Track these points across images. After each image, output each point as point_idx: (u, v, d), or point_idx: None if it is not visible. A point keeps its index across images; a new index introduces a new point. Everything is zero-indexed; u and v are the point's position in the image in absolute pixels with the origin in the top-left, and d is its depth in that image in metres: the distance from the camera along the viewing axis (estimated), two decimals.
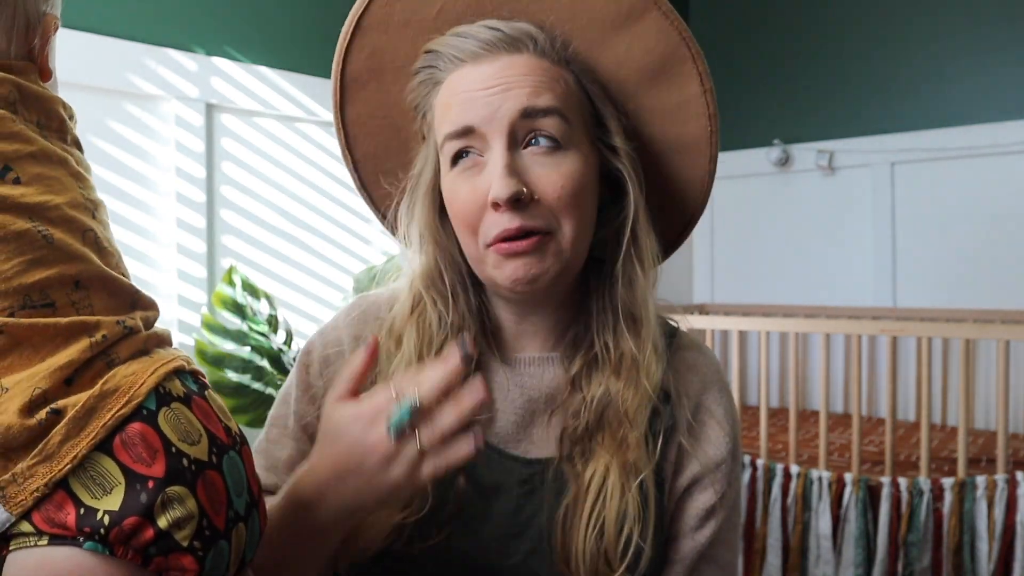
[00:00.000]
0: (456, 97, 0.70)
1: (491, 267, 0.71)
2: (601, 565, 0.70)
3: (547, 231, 0.69)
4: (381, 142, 0.81)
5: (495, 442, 0.77)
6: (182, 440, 0.48)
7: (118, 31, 1.64)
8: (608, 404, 0.74)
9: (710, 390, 0.82)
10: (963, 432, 1.88)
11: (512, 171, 0.67)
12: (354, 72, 0.76)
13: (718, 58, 3.45)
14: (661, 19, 0.71)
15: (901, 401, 2.82)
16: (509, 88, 0.68)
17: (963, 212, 2.85)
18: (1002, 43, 2.77)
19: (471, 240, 0.71)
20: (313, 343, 0.82)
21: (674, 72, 0.74)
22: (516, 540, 0.74)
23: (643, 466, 0.72)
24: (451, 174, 0.72)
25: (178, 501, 0.46)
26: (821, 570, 2.02)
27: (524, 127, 0.69)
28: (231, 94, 1.82)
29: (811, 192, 3.20)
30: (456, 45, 0.71)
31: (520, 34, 0.70)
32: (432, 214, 0.76)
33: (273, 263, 1.95)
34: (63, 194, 0.50)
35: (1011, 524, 1.81)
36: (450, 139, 0.70)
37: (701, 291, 3.50)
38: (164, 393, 0.49)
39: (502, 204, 0.67)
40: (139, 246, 1.69)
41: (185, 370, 0.52)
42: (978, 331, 1.91)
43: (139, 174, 1.69)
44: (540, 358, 0.79)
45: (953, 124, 2.86)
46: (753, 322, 2.20)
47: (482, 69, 0.70)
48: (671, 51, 0.73)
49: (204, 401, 0.52)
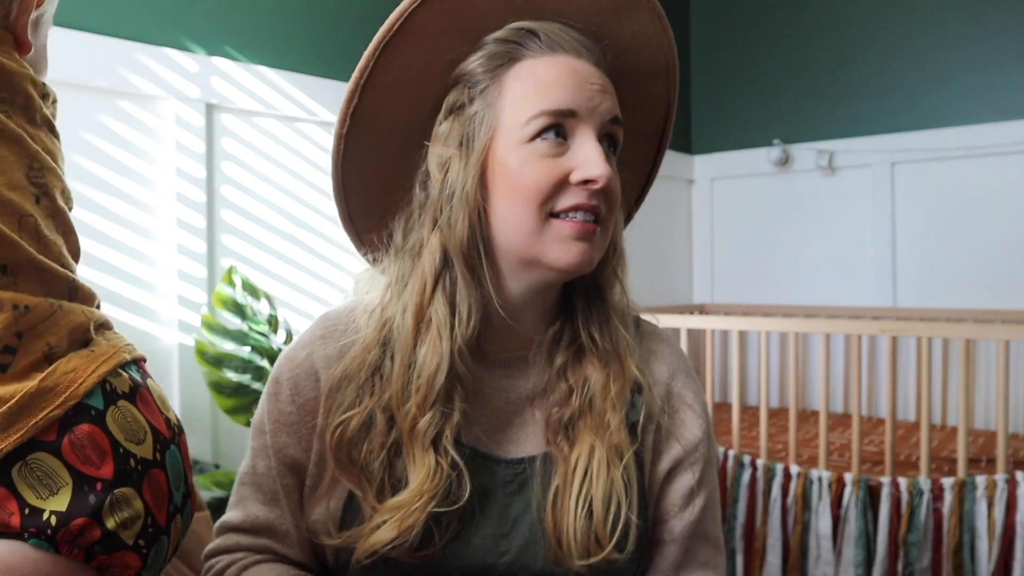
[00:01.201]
0: (564, 78, 0.74)
1: (551, 240, 0.73)
2: (592, 544, 0.72)
3: (602, 220, 0.75)
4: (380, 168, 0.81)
5: (478, 447, 0.77)
6: (129, 440, 0.47)
7: (118, 31, 1.64)
8: (594, 392, 0.77)
9: (677, 376, 0.85)
10: (963, 432, 1.88)
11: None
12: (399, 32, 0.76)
13: (718, 58, 3.45)
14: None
15: (901, 401, 2.82)
16: (605, 92, 0.75)
17: (963, 212, 2.85)
18: (1002, 43, 2.77)
19: (534, 212, 0.73)
20: (281, 368, 0.80)
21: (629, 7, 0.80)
22: (506, 539, 0.75)
23: (626, 448, 0.76)
24: (526, 147, 0.73)
25: (125, 502, 0.46)
26: (821, 570, 2.02)
27: (606, 129, 0.75)
28: (231, 94, 1.82)
29: (811, 192, 3.20)
30: (558, 33, 0.75)
31: (597, 48, 0.77)
32: (477, 187, 0.74)
33: (273, 263, 1.95)
34: (3, 174, 0.48)
35: (1011, 524, 1.81)
36: (547, 115, 0.73)
37: (701, 291, 3.50)
38: (111, 391, 0.48)
39: (600, 182, 0.71)
40: (139, 246, 1.69)
41: (127, 361, 0.50)
42: (978, 331, 1.90)
43: (139, 174, 1.69)
44: (519, 357, 0.80)
45: (953, 124, 2.86)
46: (753, 322, 2.20)
47: (584, 64, 0.75)
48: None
49: (148, 392, 0.51)
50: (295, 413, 0.78)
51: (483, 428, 0.78)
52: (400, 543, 0.70)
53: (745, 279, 3.39)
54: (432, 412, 0.73)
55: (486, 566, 0.74)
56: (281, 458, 0.78)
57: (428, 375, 0.73)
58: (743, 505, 2.16)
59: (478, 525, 0.75)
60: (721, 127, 3.44)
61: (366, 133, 0.77)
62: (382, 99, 0.76)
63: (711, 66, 3.48)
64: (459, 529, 0.74)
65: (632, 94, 0.82)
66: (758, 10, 3.33)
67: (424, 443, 0.73)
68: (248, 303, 1.73)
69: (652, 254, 3.26)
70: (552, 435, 0.77)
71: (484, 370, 0.79)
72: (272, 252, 1.95)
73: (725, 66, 3.44)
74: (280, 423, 0.78)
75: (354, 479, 0.74)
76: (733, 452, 2.20)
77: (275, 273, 1.96)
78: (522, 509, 0.76)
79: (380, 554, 0.71)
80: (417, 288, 0.76)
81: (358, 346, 0.77)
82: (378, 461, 0.74)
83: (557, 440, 0.77)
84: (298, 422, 0.78)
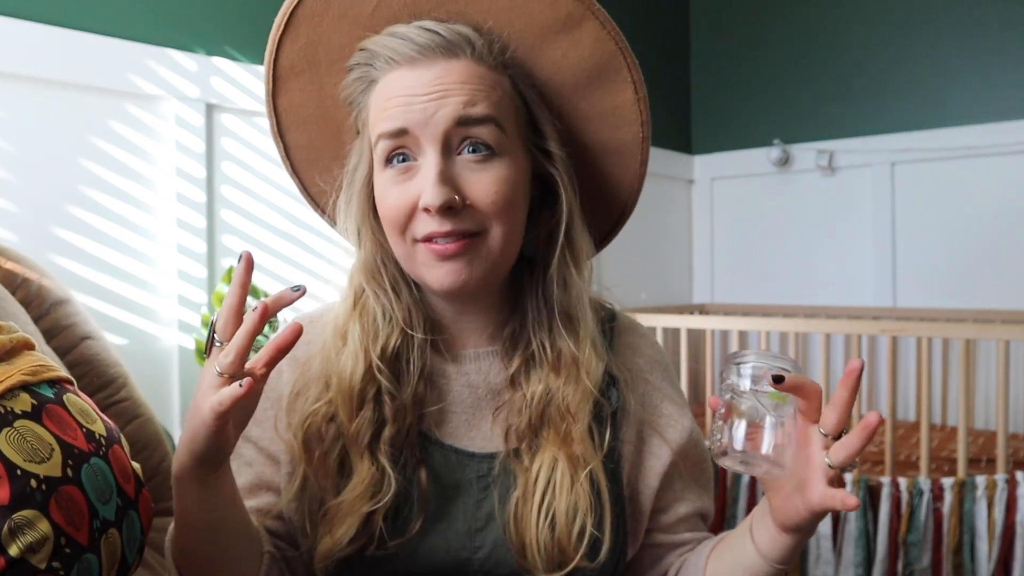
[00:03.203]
0: (392, 100, 0.70)
1: (421, 265, 0.72)
2: (557, 555, 0.71)
3: (477, 232, 0.70)
4: (314, 132, 0.81)
5: (449, 440, 0.78)
6: (28, 460, 0.45)
7: (118, 31, 1.64)
8: (549, 401, 0.75)
9: (654, 369, 0.84)
10: (963, 432, 1.88)
11: (445, 178, 0.68)
12: (288, 62, 0.76)
13: (718, 58, 3.45)
14: (598, 28, 0.72)
15: (901, 401, 2.82)
16: (445, 95, 0.68)
17: (963, 212, 2.85)
18: (1002, 43, 2.77)
19: (399, 239, 0.72)
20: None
21: (609, 79, 0.74)
22: (481, 534, 0.75)
23: (590, 458, 0.73)
24: (383, 174, 0.72)
25: (28, 525, 0.44)
26: (821, 570, 2.02)
27: (458, 134, 0.69)
28: (231, 94, 1.82)
29: (811, 192, 3.20)
30: (392, 46, 0.70)
31: (458, 38, 0.70)
32: (368, 209, 0.76)
33: (273, 263, 1.95)
34: None
35: (1011, 524, 1.81)
36: (384, 139, 0.70)
37: (701, 291, 3.50)
38: (5, 413, 0.46)
39: (433, 211, 0.67)
40: (139, 246, 1.69)
41: (31, 384, 0.48)
42: (978, 331, 1.90)
43: (139, 174, 1.69)
44: (483, 352, 0.80)
45: (953, 124, 2.86)
46: (753, 322, 2.20)
47: (419, 73, 0.69)
48: (607, 59, 0.73)
49: (60, 407, 0.49)
50: (267, 408, 0.80)
51: (453, 424, 0.78)
52: (336, 548, 0.71)
53: (745, 279, 3.39)
54: (361, 417, 0.73)
55: (461, 561, 0.74)
56: (260, 448, 0.80)
57: (346, 382, 0.74)
58: (743, 505, 2.16)
59: (451, 519, 0.75)
60: (721, 127, 3.44)
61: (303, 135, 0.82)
62: (317, 33, 0.75)
63: (711, 66, 3.48)
64: (432, 524, 0.74)
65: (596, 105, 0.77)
66: (758, 10, 3.33)
67: (359, 447, 0.73)
68: (248, 303, 1.73)
69: (652, 254, 3.26)
70: (513, 441, 0.76)
71: (453, 365, 0.79)
72: (272, 252, 1.95)
73: (725, 66, 3.44)
74: (253, 418, 0.80)
75: (320, 478, 0.75)
76: None
77: (275, 273, 1.96)
78: (492, 506, 0.75)
79: (336, 557, 0.72)
80: (341, 308, 0.79)
81: (316, 353, 0.79)
82: (331, 461, 0.75)
83: (519, 448, 0.76)
84: (268, 416, 0.80)
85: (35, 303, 1.02)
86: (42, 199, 1.52)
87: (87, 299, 1.58)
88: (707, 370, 2.34)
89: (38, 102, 1.51)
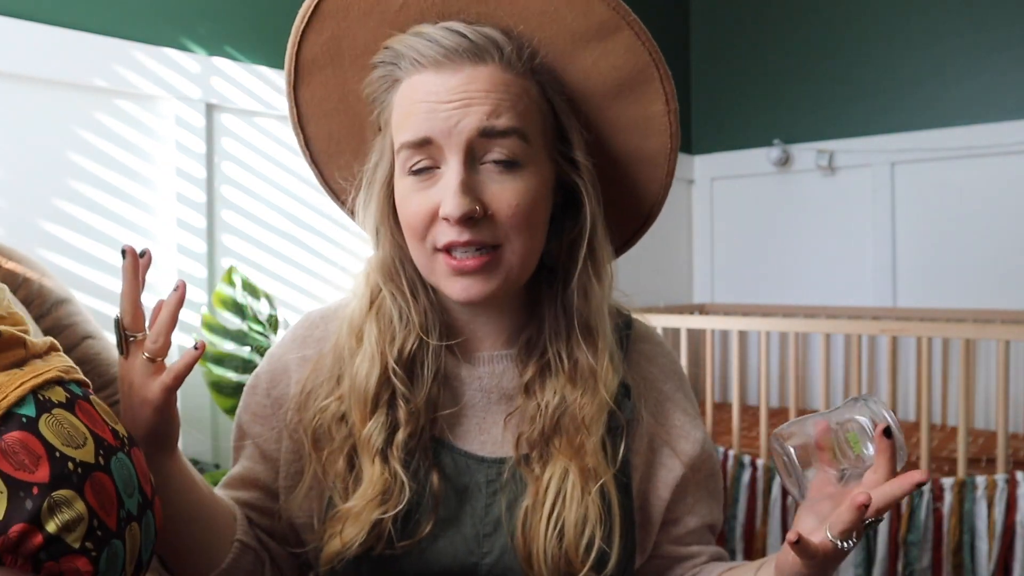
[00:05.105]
0: (416, 106, 0.68)
1: (439, 275, 0.71)
2: (563, 566, 0.70)
3: (496, 245, 0.69)
4: (336, 125, 0.80)
5: (461, 443, 0.77)
6: (66, 444, 0.47)
7: (118, 31, 1.64)
8: (564, 411, 0.74)
9: (668, 379, 0.83)
10: (963, 432, 1.88)
11: (467, 188, 0.67)
12: (311, 55, 0.75)
13: (718, 58, 3.45)
14: (632, 37, 0.70)
15: (901, 401, 2.82)
16: (470, 104, 0.67)
17: (963, 212, 2.85)
18: (1002, 43, 2.77)
19: (419, 245, 0.71)
20: (261, 365, 0.84)
21: (640, 89, 0.73)
22: (489, 538, 0.74)
23: (602, 471, 0.72)
24: (405, 180, 0.71)
25: (66, 504, 0.46)
26: None
27: (482, 145, 0.68)
28: (231, 94, 1.82)
29: (811, 192, 3.20)
30: (418, 48, 0.69)
31: (486, 42, 0.68)
32: (387, 210, 0.75)
33: (273, 263, 1.95)
34: None
35: (1011, 524, 1.81)
36: (407, 148, 0.69)
37: (701, 291, 3.50)
38: (44, 400, 0.48)
39: (453, 221, 0.67)
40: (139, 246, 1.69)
41: (65, 380, 0.51)
42: (978, 331, 1.90)
43: (139, 174, 1.69)
44: (498, 355, 0.79)
45: (953, 124, 2.86)
46: (753, 322, 2.20)
47: (444, 78, 0.68)
48: (640, 69, 0.71)
49: (89, 405, 0.51)
50: (269, 406, 0.80)
51: (464, 427, 0.77)
52: (345, 550, 0.71)
53: (745, 279, 3.39)
54: (375, 421, 0.73)
55: (468, 566, 0.74)
56: (257, 445, 0.80)
57: (361, 386, 0.74)
58: (743, 505, 2.16)
59: (460, 524, 0.74)
60: (721, 127, 3.44)
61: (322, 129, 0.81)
62: (342, 27, 0.74)
63: (711, 66, 3.48)
64: (441, 527, 0.74)
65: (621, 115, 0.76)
66: (758, 10, 3.33)
67: (371, 451, 0.73)
68: (248, 303, 1.73)
69: (652, 254, 3.26)
70: (525, 448, 0.75)
71: (467, 368, 0.79)
72: (272, 252, 1.94)
73: (725, 66, 3.44)
74: (255, 415, 0.81)
75: (329, 477, 0.75)
76: (733, 452, 2.20)
77: (275, 273, 1.96)
78: (501, 511, 0.75)
79: (342, 560, 0.72)
80: (356, 307, 0.78)
81: (329, 351, 0.79)
82: (341, 460, 0.75)
83: (529, 455, 0.75)
84: (271, 414, 0.80)
85: (36, 303, 1.02)
86: (41, 199, 1.52)
87: (87, 299, 1.58)
88: (707, 370, 2.34)
89: (38, 102, 1.51)
